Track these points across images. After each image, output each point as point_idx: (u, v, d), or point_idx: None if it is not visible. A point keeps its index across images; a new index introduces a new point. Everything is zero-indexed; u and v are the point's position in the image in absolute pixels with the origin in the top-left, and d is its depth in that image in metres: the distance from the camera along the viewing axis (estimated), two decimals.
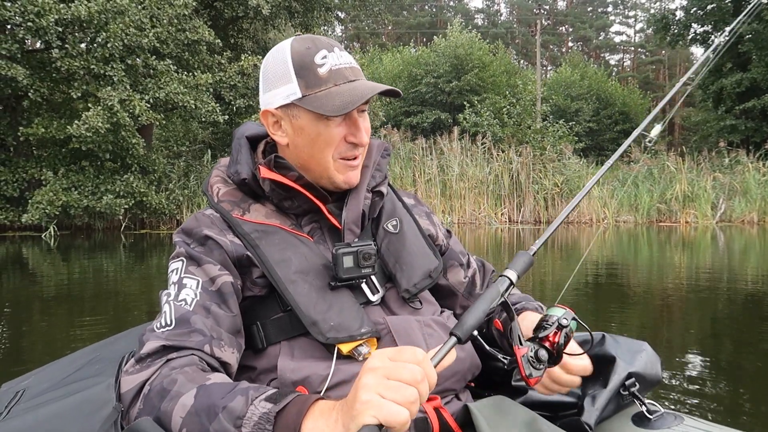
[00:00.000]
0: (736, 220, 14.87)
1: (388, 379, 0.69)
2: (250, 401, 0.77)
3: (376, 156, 1.15)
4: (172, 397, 0.81)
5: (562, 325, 0.88)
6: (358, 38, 43.03)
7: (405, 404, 0.67)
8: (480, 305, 0.84)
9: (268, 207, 1.07)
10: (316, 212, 1.07)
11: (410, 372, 0.69)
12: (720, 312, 4.60)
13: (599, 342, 1.16)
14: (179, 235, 1.06)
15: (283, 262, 1.00)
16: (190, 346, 0.90)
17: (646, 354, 1.13)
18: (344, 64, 1.02)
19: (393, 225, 1.14)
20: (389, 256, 1.10)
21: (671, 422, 1.03)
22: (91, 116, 10.41)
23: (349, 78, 1.01)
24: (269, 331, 1.00)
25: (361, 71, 1.05)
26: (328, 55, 1.01)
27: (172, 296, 0.96)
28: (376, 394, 0.68)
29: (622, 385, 1.08)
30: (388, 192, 1.19)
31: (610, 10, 53.29)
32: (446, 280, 1.22)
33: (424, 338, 1.02)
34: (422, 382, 0.70)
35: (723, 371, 3.08)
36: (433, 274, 1.12)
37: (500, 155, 15.86)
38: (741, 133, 20.55)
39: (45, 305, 4.79)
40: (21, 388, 1.14)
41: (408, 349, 0.73)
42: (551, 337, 0.88)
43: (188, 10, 11.91)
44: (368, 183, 1.12)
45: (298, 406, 0.75)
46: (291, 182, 1.04)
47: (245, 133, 1.14)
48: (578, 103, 27.50)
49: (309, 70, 1.00)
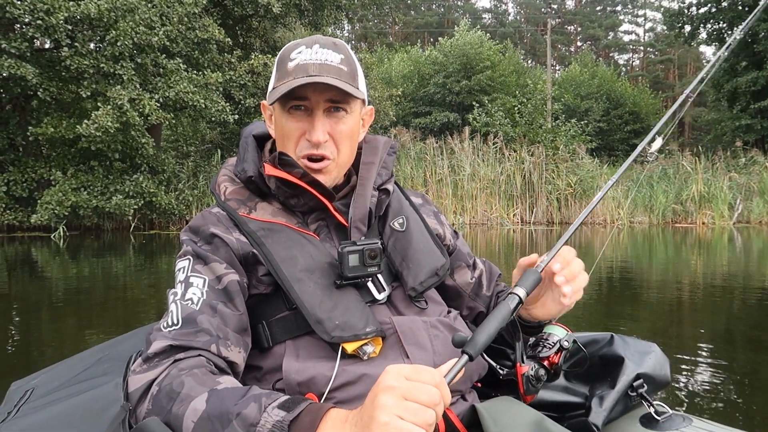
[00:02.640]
0: (755, 221, 14.62)
1: (406, 400, 0.69)
2: (263, 408, 0.76)
3: (382, 153, 1.16)
4: (182, 400, 0.81)
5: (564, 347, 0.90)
6: (366, 38, 42.94)
7: (423, 427, 0.68)
8: (491, 323, 0.84)
9: (275, 205, 1.07)
10: (323, 210, 1.07)
11: (428, 395, 0.69)
12: (734, 314, 4.53)
13: (608, 342, 1.17)
14: (186, 234, 1.06)
15: (289, 260, 0.99)
16: (197, 345, 0.90)
17: (655, 355, 1.13)
18: (314, 60, 1.01)
19: (399, 223, 1.13)
20: (396, 254, 1.09)
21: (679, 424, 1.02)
22: (101, 115, 10.31)
23: (310, 72, 1.00)
24: (275, 330, 1.00)
25: (340, 69, 1.03)
26: (304, 51, 1.03)
27: (178, 295, 0.96)
28: (395, 416, 0.67)
29: (630, 386, 1.08)
30: (395, 190, 1.18)
31: (620, 9, 52.95)
32: (453, 280, 1.21)
33: (430, 339, 1.01)
34: (439, 404, 0.70)
35: (734, 373, 3.02)
36: (440, 272, 1.11)
37: (512, 155, 15.67)
38: (756, 133, 20.25)
39: (54, 306, 4.76)
40: (30, 387, 1.14)
41: (425, 370, 0.72)
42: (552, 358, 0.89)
43: (198, 8, 11.82)
44: (374, 181, 1.12)
45: (311, 415, 0.75)
46: (296, 179, 1.03)
47: (252, 131, 1.16)
48: (588, 102, 27.22)
49: (282, 63, 1.04)
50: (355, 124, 1.08)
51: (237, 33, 14.89)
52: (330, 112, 1.04)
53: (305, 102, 1.02)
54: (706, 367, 3.09)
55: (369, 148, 1.17)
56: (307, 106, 1.03)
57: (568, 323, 1.09)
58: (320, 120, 1.03)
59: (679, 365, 3.04)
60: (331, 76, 1.01)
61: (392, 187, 1.16)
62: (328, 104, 1.02)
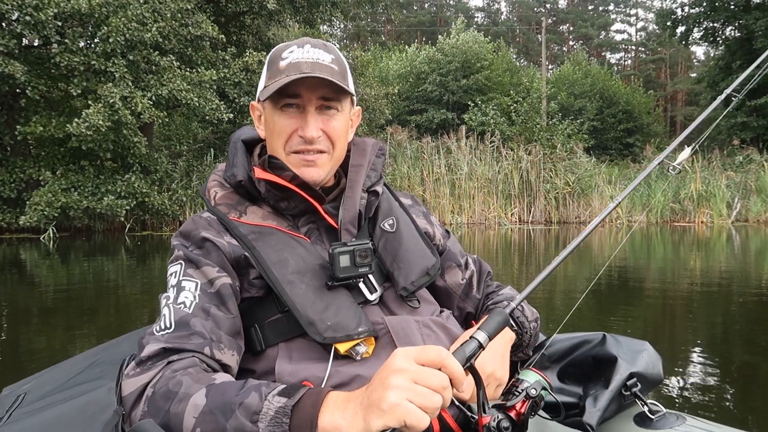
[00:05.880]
0: (753, 219, 14.59)
1: (417, 383, 0.70)
2: (264, 397, 0.78)
3: (370, 155, 1.16)
4: (180, 399, 0.81)
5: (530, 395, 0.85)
6: (359, 37, 42.76)
7: (430, 411, 0.69)
8: None
9: (265, 209, 1.08)
10: (313, 213, 1.08)
11: (439, 380, 0.71)
12: (728, 312, 4.55)
13: (600, 342, 1.16)
14: (177, 239, 1.06)
15: (280, 262, 1.00)
16: (190, 348, 0.90)
17: (647, 354, 1.13)
18: (307, 59, 1.02)
19: (389, 224, 1.14)
20: (386, 255, 1.09)
21: (673, 422, 1.02)
22: (92, 114, 10.04)
23: (303, 70, 1.01)
24: (267, 333, 1.00)
25: (332, 69, 1.03)
26: (295, 50, 1.04)
27: (171, 299, 0.96)
28: (406, 399, 0.69)
29: (624, 385, 1.07)
30: (384, 191, 1.19)
31: (612, 8, 53.07)
32: (443, 281, 1.21)
33: (423, 339, 1.02)
34: (447, 388, 0.72)
35: (729, 372, 3.04)
36: (430, 272, 1.12)
37: (509, 154, 15.54)
38: (752, 131, 20.25)
39: (43, 310, 4.65)
40: (22, 392, 1.13)
41: (432, 348, 0.73)
42: (518, 407, 0.85)
43: (191, 4, 11.57)
44: (363, 183, 1.12)
45: (312, 398, 0.76)
46: (285, 182, 1.04)
47: (241, 136, 1.16)
48: (582, 101, 27.16)
49: (273, 63, 1.05)
50: (346, 123, 1.10)
51: (230, 30, 14.66)
52: (322, 110, 1.05)
53: (297, 100, 1.03)
54: (700, 366, 3.10)
55: (357, 150, 1.18)
56: (299, 103, 1.03)
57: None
58: (313, 116, 1.04)
59: (674, 364, 3.04)
60: (324, 74, 1.01)
61: (381, 188, 1.16)
62: (320, 102, 1.04)
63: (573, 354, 1.20)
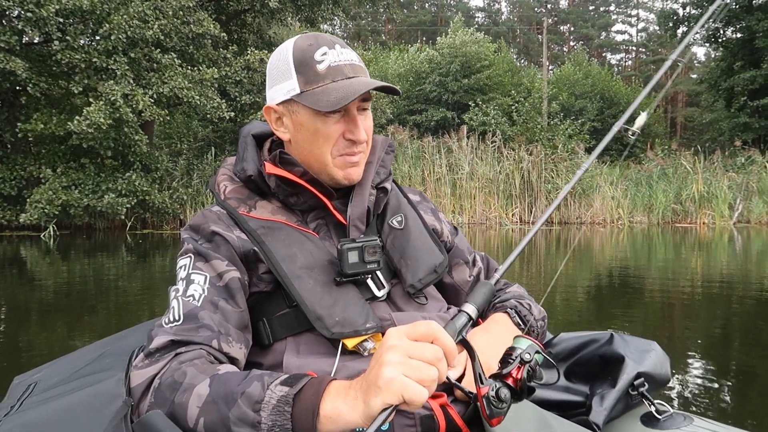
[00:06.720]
0: (755, 221, 14.55)
1: (411, 357, 0.70)
2: (266, 386, 0.78)
3: (380, 152, 1.17)
4: (185, 389, 0.82)
5: (525, 360, 0.85)
6: (359, 36, 42.72)
7: (427, 384, 0.70)
8: None
9: (274, 204, 1.08)
10: (322, 208, 1.08)
11: (432, 351, 0.71)
12: (734, 313, 4.53)
13: (607, 341, 1.16)
14: (187, 232, 1.07)
15: (289, 257, 1.00)
16: (198, 341, 0.91)
17: (655, 353, 1.13)
18: (344, 61, 1.02)
19: (398, 221, 1.14)
20: (394, 252, 1.10)
21: (680, 423, 1.01)
22: (93, 111, 10.01)
23: (347, 74, 1.02)
24: (275, 327, 1.01)
25: (363, 69, 1.05)
26: (329, 51, 1.02)
27: (180, 292, 0.97)
28: (401, 373, 0.69)
29: (631, 384, 1.07)
30: (393, 188, 1.20)
31: (613, 9, 53.04)
32: (451, 278, 1.21)
33: None
34: (442, 360, 0.72)
35: (734, 372, 3.03)
36: (438, 269, 1.12)
37: (510, 154, 15.51)
38: (754, 132, 20.18)
39: (43, 308, 4.63)
40: (33, 381, 1.14)
41: (423, 323, 0.74)
42: (514, 374, 0.85)
43: (192, 2, 11.53)
44: (372, 179, 1.13)
45: (314, 387, 0.77)
46: (296, 177, 1.04)
47: (251, 131, 1.16)
48: (582, 101, 27.14)
49: (308, 66, 1.01)
50: None
51: (231, 29, 14.61)
52: (359, 110, 1.05)
53: None
54: (707, 367, 3.09)
55: None
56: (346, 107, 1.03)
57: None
58: (359, 119, 1.04)
59: (681, 364, 3.02)
60: (364, 76, 1.03)
61: (390, 185, 1.17)
62: (360, 103, 1.04)
63: (580, 353, 1.20)
